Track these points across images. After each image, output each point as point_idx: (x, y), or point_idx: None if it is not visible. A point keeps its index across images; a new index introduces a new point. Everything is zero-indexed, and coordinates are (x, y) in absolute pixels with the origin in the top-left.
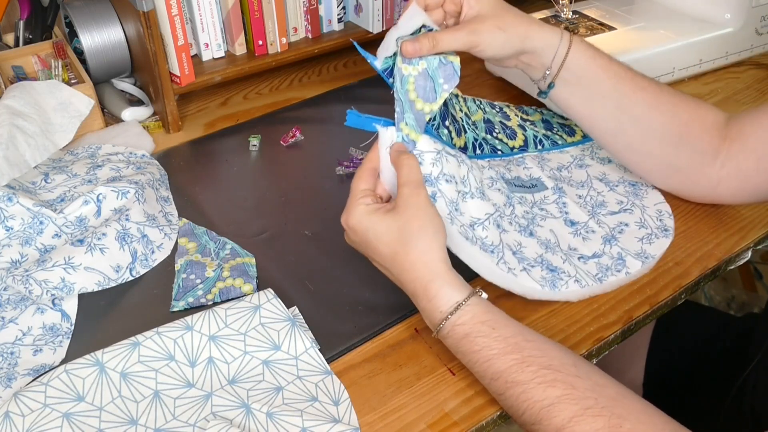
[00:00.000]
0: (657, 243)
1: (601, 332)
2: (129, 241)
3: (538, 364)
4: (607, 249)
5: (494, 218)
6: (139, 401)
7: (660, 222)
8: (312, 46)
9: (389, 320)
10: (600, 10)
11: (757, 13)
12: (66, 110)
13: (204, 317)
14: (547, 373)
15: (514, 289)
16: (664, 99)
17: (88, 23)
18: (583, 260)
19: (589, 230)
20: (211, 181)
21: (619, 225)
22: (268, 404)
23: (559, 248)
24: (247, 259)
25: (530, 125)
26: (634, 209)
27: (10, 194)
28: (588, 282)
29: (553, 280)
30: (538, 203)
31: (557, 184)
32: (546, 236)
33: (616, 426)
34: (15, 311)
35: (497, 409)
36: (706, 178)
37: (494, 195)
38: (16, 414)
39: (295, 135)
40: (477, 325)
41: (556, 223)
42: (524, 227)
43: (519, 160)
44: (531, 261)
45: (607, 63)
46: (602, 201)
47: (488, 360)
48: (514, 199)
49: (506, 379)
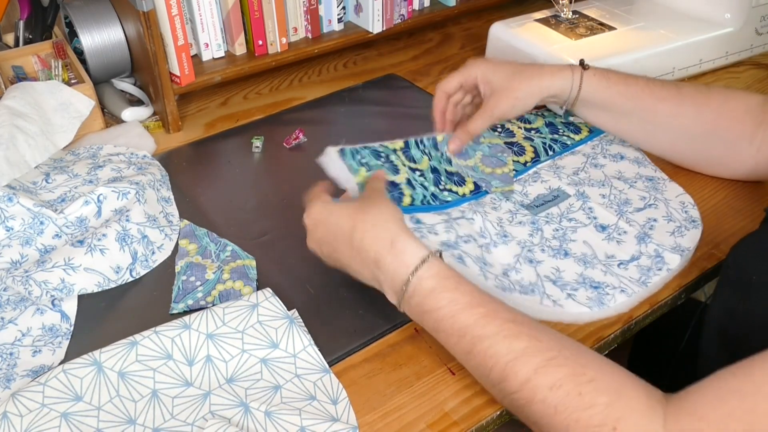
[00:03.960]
0: (689, 235)
1: (601, 332)
2: (129, 241)
3: (502, 318)
4: (644, 248)
5: (523, 256)
6: (137, 401)
7: (686, 213)
8: (312, 46)
9: (389, 325)
10: (600, 10)
11: (757, 13)
12: (66, 111)
13: (202, 316)
14: (512, 326)
15: (564, 320)
16: (687, 103)
17: (88, 23)
18: (623, 266)
19: (621, 231)
20: (213, 183)
21: (648, 221)
22: (266, 403)
23: (597, 260)
24: (247, 262)
25: (536, 134)
26: (658, 204)
27: (11, 194)
28: (634, 289)
29: (600, 298)
30: (564, 214)
31: (578, 189)
32: (581, 251)
33: (580, 374)
34: (14, 312)
35: (497, 408)
36: (740, 163)
37: (517, 230)
38: (14, 414)
39: (298, 137)
40: (442, 280)
41: (588, 232)
42: (558, 249)
43: (534, 176)
44: (573, 284)
45: (623, 88)
46: (626, 198)
47: (454, 315)
48: (540, 222)
49: (473, 334)
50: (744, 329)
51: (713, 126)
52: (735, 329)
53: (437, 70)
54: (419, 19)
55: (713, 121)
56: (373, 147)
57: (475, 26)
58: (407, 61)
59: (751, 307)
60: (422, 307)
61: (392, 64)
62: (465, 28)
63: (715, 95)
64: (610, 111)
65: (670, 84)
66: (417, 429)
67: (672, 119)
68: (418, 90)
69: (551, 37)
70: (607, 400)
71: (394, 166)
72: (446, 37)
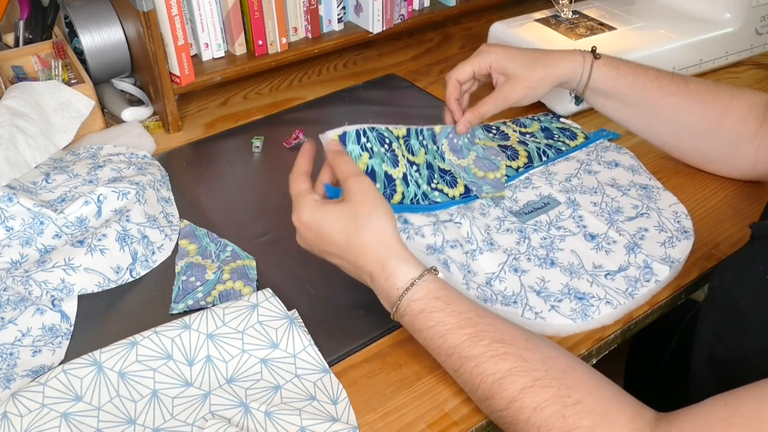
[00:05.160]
0: (679, 246)
1: (600, 332)
2: (129, 242)
3: (490, 338)
4: (632, 258)
5: (509, 264)
6: (137, 401)
7: (678, 224)
8: (312, 46)
9: (390, 325)
10: (600, 10)
11: (757, 13)
12: (66, 111)
13: (202, 316)
14: (499, 347)
15: (546, 332)
16: (693, 99)
17: (88, 23)
18: (610, 277)
19: (610, 241)
20: (213, 183)
21: (639, 231)
22: (266, 403)
23: (584, 269)
24: (247, 262)
25: (530, 138)
26: (651, 213)
27: (11, 194)
28: (619, 300)
29: (584, 309)
30: (553, 222)
31: (569, 197)
32: (568, 260)
33: (565, 396)
34: (14, 312)
35: None
36: (741, 161)
37: (504, 238)
38: (14, 414)
39: (298, 137)
40: (431, 301)
41: (576, 240)
42: (544, 258)
43: (525, 182)
44: (557, 295)
45: (631, 78)
46: (618, 207)
47: (442, 335)
48: (528, 230)
49: (460, 354)
50: (733, 355)
51: (717, 124)
52: (724, 354)
53: (437, 70)
54: (419, 19)
55: (717, 119)
56: (380, 130)
57: (475, 26)
58: (407, 61)
59: (740, 336)
60: (413, 326)
61: (392, 64)
62: (465, 28)
63: (721, 93)
64: (617, 100)
65: (678, 78)
66: (417, 429)
67: (677, 114)
68: (418, 90)
69: (551, 37)
70: (590, 424)
71: (395, 155)
72: (446, 37)
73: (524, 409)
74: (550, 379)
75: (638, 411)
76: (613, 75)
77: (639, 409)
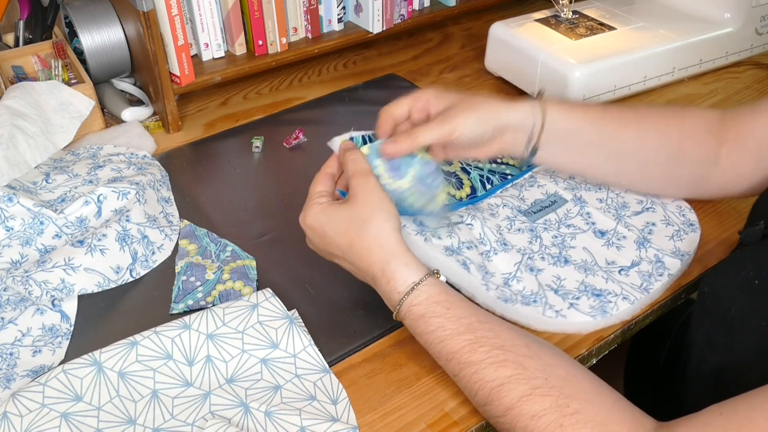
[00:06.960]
0: (687, 239)
1: (601, 332)
2: (129, 242)
3: (490, 345)
4: (643, 254)
5: (524, 263)
6: (137, 401)
7: (683, 217)
8: (312, 46)
9: (390, 324)
10: (600, 10)
11: (757, 13)
12: (66, 111)
13: (202, 316)
14: (499, 354)
15: (568, 330)
16: (649, 126)
17: (88, 23)
18: (624, 272)
19: (620, 237)
20: (213, 183)
21: (647, 225)
22: (266, 403)
23: (597, 266)
24: (247, 262)
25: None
26: (656, 207)
27: (11, 194)
28: (636, 296)
29: (602, 306)
30: (563, 220)
31: (575, 194)
32: (581, 257)
33: (564, 406)
34: (14, 312)
35: None
36: (712, 183)
37: (516, 238)
38: (14, 414)
39: (298, 137)
40: (432, 306)
41: (587, 238)
42: (557, 256)
43: (530, 181)
44: (575, 293)
45: (582, 114)
46: (623, 202)
47: (442, 341)
48: (539, 229)
49: (459, 360)
50: (725, 361)
51: (679, 147)
52: (716, 360)
53: (437, 70)
54: (419, 19)
55: (678, 142)
56: None
57: (475, 26)
58: (407, 61)
59: (732, 342)
60: (414, 329)
61: (392, 64)
62: (465, 28)
63: (672, 114)
64: (576, 140)
65: (626, 107)
66: (417, 429)
67: (637, 143)
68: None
69: (551, 37)
70: None
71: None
72: (446, 37)
73: (522, 417)
74: (549, 387)
75: (638, 420)
76: (566, 108)
77: (639, 418)
